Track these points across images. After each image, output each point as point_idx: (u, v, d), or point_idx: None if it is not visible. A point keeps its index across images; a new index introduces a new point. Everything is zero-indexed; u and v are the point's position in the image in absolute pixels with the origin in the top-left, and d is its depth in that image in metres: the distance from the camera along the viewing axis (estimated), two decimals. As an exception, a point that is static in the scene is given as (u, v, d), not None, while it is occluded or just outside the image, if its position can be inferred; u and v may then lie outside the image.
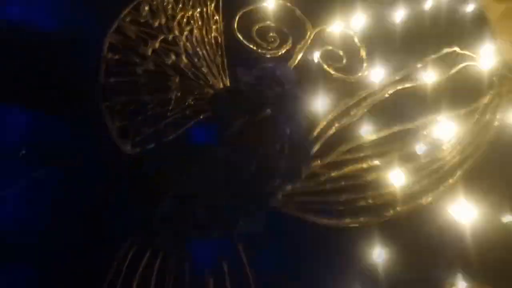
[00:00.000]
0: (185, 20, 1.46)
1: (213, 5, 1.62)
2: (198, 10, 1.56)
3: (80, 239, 1.16)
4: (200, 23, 1.50)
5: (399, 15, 1.77)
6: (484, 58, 1.68)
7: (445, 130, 1.48)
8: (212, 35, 1.52)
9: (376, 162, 1.41)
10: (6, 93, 1.19)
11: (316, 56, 1.61)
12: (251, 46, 1.56)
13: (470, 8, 1.89)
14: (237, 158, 1.16)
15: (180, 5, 1.54)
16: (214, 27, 1.53)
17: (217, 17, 1.57)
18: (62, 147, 1.24)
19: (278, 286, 1.20)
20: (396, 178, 1.38)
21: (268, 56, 1.56)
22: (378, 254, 1.23)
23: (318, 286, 1.21)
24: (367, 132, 1.45)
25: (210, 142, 1.26)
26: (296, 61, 1.57)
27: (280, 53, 1.57)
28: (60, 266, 1.12)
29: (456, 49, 1.62)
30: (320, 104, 1.48)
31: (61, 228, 1.17)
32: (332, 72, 1.59)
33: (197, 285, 1.13)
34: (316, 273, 1.23)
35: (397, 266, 1.21)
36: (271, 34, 1.60)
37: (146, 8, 1.44)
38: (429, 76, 1.57)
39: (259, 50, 1.54)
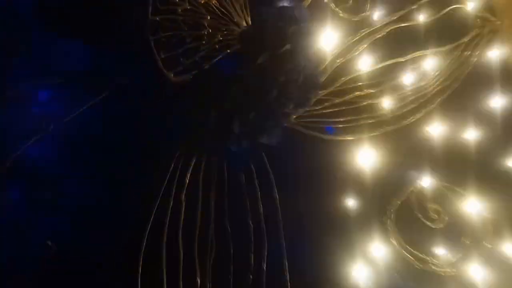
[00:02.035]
0: (213, -37, 1.65)
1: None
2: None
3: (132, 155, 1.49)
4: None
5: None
6: (470, 1, 1.90)
7: (430, 64, 1.77)
8: (236, -24, 1.71)
9: (371, 90, 1.73)
10: (72, 31, 1.43)
11: (325, -3, 1.82)
12: (270, -13, 1.76)
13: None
14: (262, 84, 1.46)
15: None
16: (237, -31, 1.72)
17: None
18: (118, 75, 1.53)
19: (290, 183, 1.59)
20: (387, 103, 1.72)
21: (285, -4, 1.77)
22: (366, 159, 1.61)
23: (319, 184, 1.61)
24: (365, 65, 1.73)
25: (238, 72, 1.55)
26: (309, 1, 1.78)
27: (295, -6, 1.78)
28: (116, 174, 1.46)
29: (447, -8, 1.83)
30: (328, 41, 1.74)
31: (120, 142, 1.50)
32: (339, 12, 1.81)
33: (233, 181, 1.51)
34: (317, 174, 1.61)
35: (380, 167, 1.60)
36: (287, -24, 1.79)
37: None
38: (421, 16, 1.82)
39: (277, -9, 1.74)
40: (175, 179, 1.44)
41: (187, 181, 1.45)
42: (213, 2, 1.62)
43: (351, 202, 1.57)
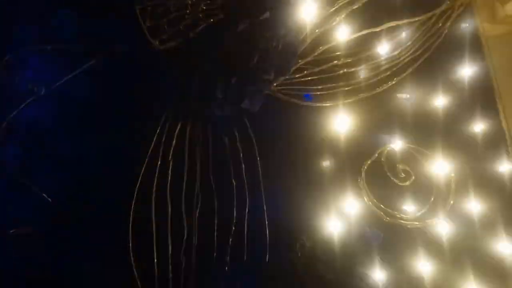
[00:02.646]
0: None
1: None
2: None
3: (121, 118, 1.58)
4: None
5: None
6: (445, -26, 1.99)
7: (403, 34, 1.88)
8: None
9: (348, 59, 1.83)
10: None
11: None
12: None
13: None
14: (243, 50, 1.55)
15: None
16: None
17: None
18: (106, 42, 1.59)
19: (270, 145, 1.70)
20: (362, 72, 1.83)
21: (266, -32, 1.83)
22: (341, 124, 1.74)
23: (297, 147, 1.73)
24: (342, 35, 1.83)
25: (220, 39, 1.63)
26: (289, -27, 1.85)
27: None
28: (106, 136, 1.53)
29: (421, -35, 1.92)
30: (307, 11, 1.82)
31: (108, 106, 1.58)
32: (318, -17, 1.88)
33: (217, 144, 1.62)
34: (296, 138, 1.73)
35: (354, 131, 1.73)
36: None
37: None
38: (396, -12, 1.91)
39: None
40: (162, 140, 1.54)
41: (174, 142, 1.55)
42: (196, -28, 1.68)
43: (326, 163, 1.70)
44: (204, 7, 1.68)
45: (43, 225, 1.41)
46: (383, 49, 1.85)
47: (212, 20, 1.67)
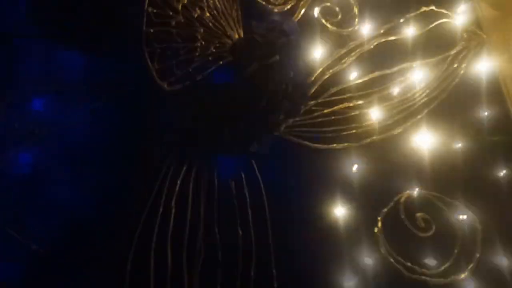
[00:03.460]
0: (207, -22, 1.72)
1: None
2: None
3: (124, 161, 1.52)
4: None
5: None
6: (458, 15, 1.97)
7: (417, 76, 1.82)
8: (229, -8, 1.78)
9: (359, 101, 1.77)
10: (69, 40, 1.49)
11: (316, 11, 1.89)
12: (262, 1, 1.83)
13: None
14: (251, 94, 1.50)
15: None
16: (231, -15, 1.79)
17: (233, -24, 1.82)
18: (112, 84, 1.57)
19: (280, 191, 1.60)
20: (375, 114, 1.76)
21: (276, 10, 1.84)
22: (355, 168, 1.64)
23: (309, 193, 1.63)
24: (354, 76, 1.78)
25: (229, 81, 1.60)
26: (299, 15, 1.85)
27: (286, 8, 1.85)
28: (106, 180, 1.47)
29: (433, 8, 1.90)
30: (317, 52, 1.79)
31: (112, 148, 1.53)
32: (329, 25, 1.88)
33: (222, 190, 1.53)
34: (306, 183, 1.63)
35: (369, 176, 1.63)
36: (279, -9, 1.87)
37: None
38: (408, 30, 1.88)
39: (269, 6, 1.81)
40: (165, 185, 1.47)
41: (178, 187, 1.47)
42: (207, 15, 1.68)
43: (339, 211, 1.59)
44: (214, 50, 1.67)
45: (33, 277, 1.32)
46: (397, 90, 1.79)
47: (221, 62, 1.65)
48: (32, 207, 1.30)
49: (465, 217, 1.61)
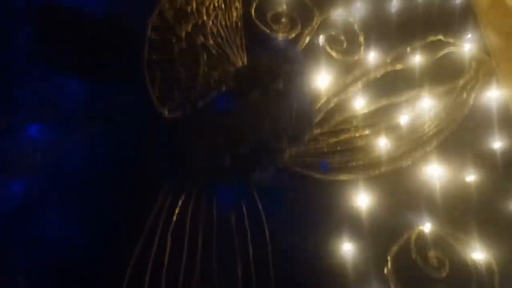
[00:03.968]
0: (211, 6, 1.72)
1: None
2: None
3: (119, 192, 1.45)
4: (223, 8, 1.76)
5: (394, 4, 2.02)
6: (466, 44, 1.94)
7: (426, 105, 1.77)
8: (233, 20, 1.78)
9: (366, 131, 1.71)
10: (69, 68, 1.48)
11: (321, 39, 1.87)
12: (266, 29, 1.82)
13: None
14: (254, 122, 1.45)
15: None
16: (235, 13, 1.79)
17: (238, 4, 1.83)
18: (111, 111, 1.54)
19: (283, 225, 1.52)
20: (382, 144, 1.69)
21: (280, 38, 1.82)
22: (363, 201, 1.55)
23: (313, 227, 1.54)
24: (360, 105, 1.73)
25: (231, 108, 1.56)
26: (304, 44, 1.83)
27: (290, 36, 1.84)
28: (100, 211, 1.40)
29: (441, 37, 1.88)
30: (322, 81, 1.76)
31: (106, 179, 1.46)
32: (334, 54, 1.85)
33: (222, 221, 1.45)
34: (311, 216, 1.55)
35: (377, 211, 1.54)
36: (283, 19, 1.86)
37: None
38: (415, 59, 1.84)
39: (273, 34, 1.80)
40: (162, 216, 1.39)
41: (175, 219, 1.40)
42: (210, 42, 1.67)
43: (346, 247, 1.49)
44: (217, 77, 1.64)
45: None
46: (405, 120, 1.73)
47: (224, 89, 1.62)
48: (19, 241, 1.23)
49: (481, 257, 1.50)
